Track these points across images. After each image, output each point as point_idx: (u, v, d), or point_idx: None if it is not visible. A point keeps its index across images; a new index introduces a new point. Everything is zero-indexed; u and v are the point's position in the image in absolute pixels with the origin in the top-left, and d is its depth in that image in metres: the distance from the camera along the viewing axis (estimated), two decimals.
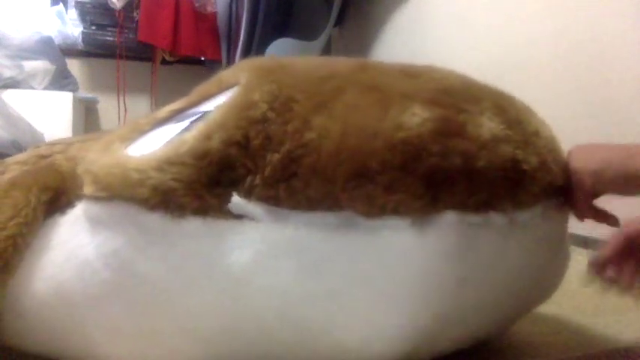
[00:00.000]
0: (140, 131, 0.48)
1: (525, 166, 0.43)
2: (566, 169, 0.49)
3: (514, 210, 0.43)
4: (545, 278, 0.52)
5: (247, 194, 0.40)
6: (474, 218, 0.41)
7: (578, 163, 0.49)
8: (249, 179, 0.40)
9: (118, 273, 0.42)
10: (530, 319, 0.66)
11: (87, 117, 2.72)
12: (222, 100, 0.45)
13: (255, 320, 0.41)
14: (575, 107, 1.24)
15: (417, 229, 0.40)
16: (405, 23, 2.06)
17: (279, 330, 0.42)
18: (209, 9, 2.67)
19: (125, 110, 2.74)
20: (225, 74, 0.50)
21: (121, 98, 2.75)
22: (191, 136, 0.41)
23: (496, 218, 0.42)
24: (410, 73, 0.48)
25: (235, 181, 0.40)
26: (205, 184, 0.40)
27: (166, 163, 0.40)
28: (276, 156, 0.40)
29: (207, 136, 0.40)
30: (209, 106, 0.46)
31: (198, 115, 0.46)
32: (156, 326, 0.43)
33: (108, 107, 2.77)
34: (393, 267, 0.40)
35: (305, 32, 2.30)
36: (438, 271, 0.41)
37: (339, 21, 2.42)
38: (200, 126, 0.42)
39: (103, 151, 0.46)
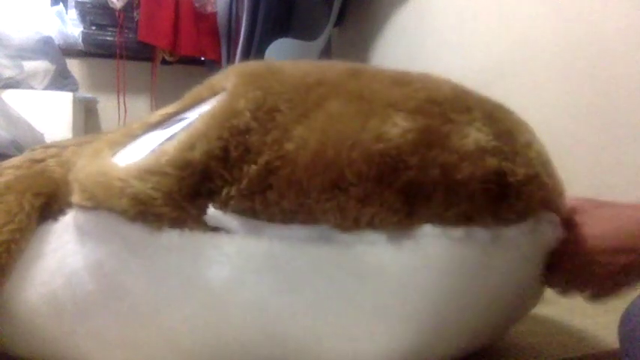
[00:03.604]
0: (131, 136, 0.48)
1: (511, 179, 0.42)
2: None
3: (497, 225, 0.41)
4: (531, 294, 0.51)
5: (223, 206, 0.39)
6: (453, 232, 0.40)
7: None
8: (225, 190, 0.39)
9: (102, 284, 0.42)
10: (529, 320, 0.66)
11: (87, 117, 2.71)
12: (210, 105, 0.44)
13: (236, 335, 0.41)
14: (575, 107, 1.24)
15: (394, 243, 0.39)
16: (405, 23, 2.06)
17: (260, 345, 0.41)
18: (209, 9, 2.67)
19: (125, 110, 2.74)
20: (215, 78, 0.49)
21: (121, 98, 2.75)
22: (173, 146, 0.41)
23: (477, 233, 0.40)
24: (400, 81, 0.46)
25: (213, 192, 0.39)
26: (185, 195, 0.39)
27: (147, 172, 0.40)
28: (254, 167, 0.39)
29: (190, 147, 0.40)
30: (199, 111, 0.46)
31: (185, 122, 0.45)
32: (140, 338, 0.43)
33: (108, 107, 2.77)
34: (370, 282, 0.39)
35: (305, 32, 2.30)
36: (416, 286, 0.40)
37: (339, 21, 2.42)
38: (183, 135, 0.41)
39: (92, 158, 0.46)
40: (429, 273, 0.40)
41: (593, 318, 0.67)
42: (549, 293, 0.55)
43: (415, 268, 0.40)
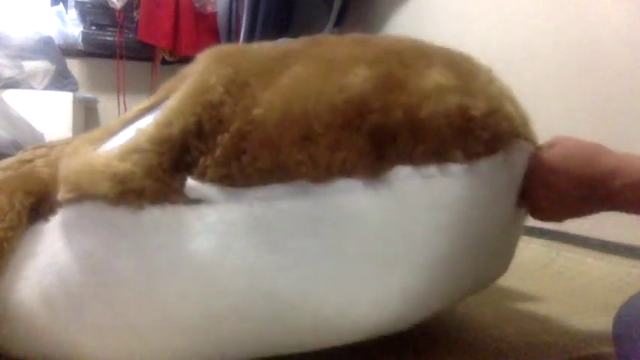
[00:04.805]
0: (110, 132, 0.49)
1: (474, 112, 0.42)
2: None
3: (468, 158, 0.42)
4: (511, 227, 0.52)
5: (201, 176, 0.40)
6: (426, 170, 0.40)
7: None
8: (201, 161, 0.40)
9: (93, 273, 0.43)
10: (530, 319, 0.66)
11: (87, 117, 2.72)
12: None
13: (229, 303, 0.41)
14: (574, 106, 1.24)
15: (369, 188, 0.39)
16: (405, 23, 2.06)
17: (254, 309, 0.42)
18: (209, 9, 2.67)
19: (125, 110, 2.74)
20: (187, 68, 0.51)
21: (121, 98, 2.75)
22: (150, 125, 0.42)
23: (450, 168, 0.41)
24: (360, 40, 0.48)
25: (191, 165, 0.40)
26: (165, 169, 0.40)
27: (127, 152, 0.41)
28: (227, 135, 0.40)
29: (167, 124, 0.41)
30: None
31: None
32: (136, 321, 0.43)
33: (108, 107, 2.77)
34: (351, 230, 0.40)
35: (305, 32, 2.30)
36: (397, 229, 0.41)
37: (339, 21, 2.42)
38: (159, 114, 0.42)
39: (73, 155, 0.46)
40: (407, 213, 0.41)
41: (593, 318, 0.67)
42: (549, 293, 0.55)
43: (393, 211, 0.40)
